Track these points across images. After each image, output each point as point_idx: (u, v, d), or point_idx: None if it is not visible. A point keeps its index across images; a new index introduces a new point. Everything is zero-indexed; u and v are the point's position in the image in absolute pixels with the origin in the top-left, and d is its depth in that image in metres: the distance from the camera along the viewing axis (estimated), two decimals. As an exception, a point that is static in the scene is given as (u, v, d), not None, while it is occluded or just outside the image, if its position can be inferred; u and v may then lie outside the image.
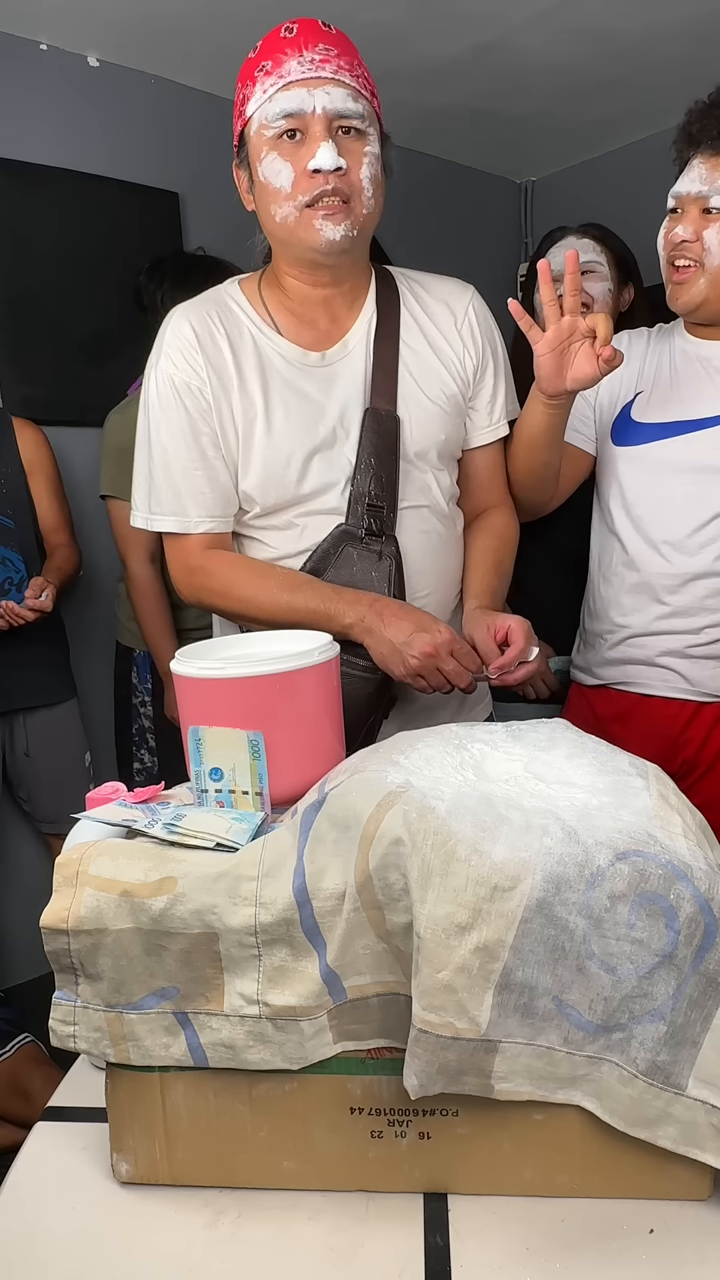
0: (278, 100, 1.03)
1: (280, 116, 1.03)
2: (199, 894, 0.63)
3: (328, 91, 1.03)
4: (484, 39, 2.51)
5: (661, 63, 2.64)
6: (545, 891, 0.58)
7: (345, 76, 1.04)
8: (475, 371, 1.22)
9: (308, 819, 0.66)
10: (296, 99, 1.02)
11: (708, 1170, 0.64)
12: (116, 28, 2.35)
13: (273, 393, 1.13)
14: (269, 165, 1.05)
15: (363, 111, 1.05)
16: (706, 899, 0.59)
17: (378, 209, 1.10)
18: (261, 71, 1.05)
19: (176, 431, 1.14)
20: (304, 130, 1.03)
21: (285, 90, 1.03)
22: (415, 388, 1.17)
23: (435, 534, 1.21)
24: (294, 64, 1.03)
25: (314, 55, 1.03)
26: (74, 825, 0.79)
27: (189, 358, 1.13)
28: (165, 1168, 0.67)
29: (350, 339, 1.17)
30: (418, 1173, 0.66)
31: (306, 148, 1.03)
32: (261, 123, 1.05)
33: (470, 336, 1.21)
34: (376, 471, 1.14)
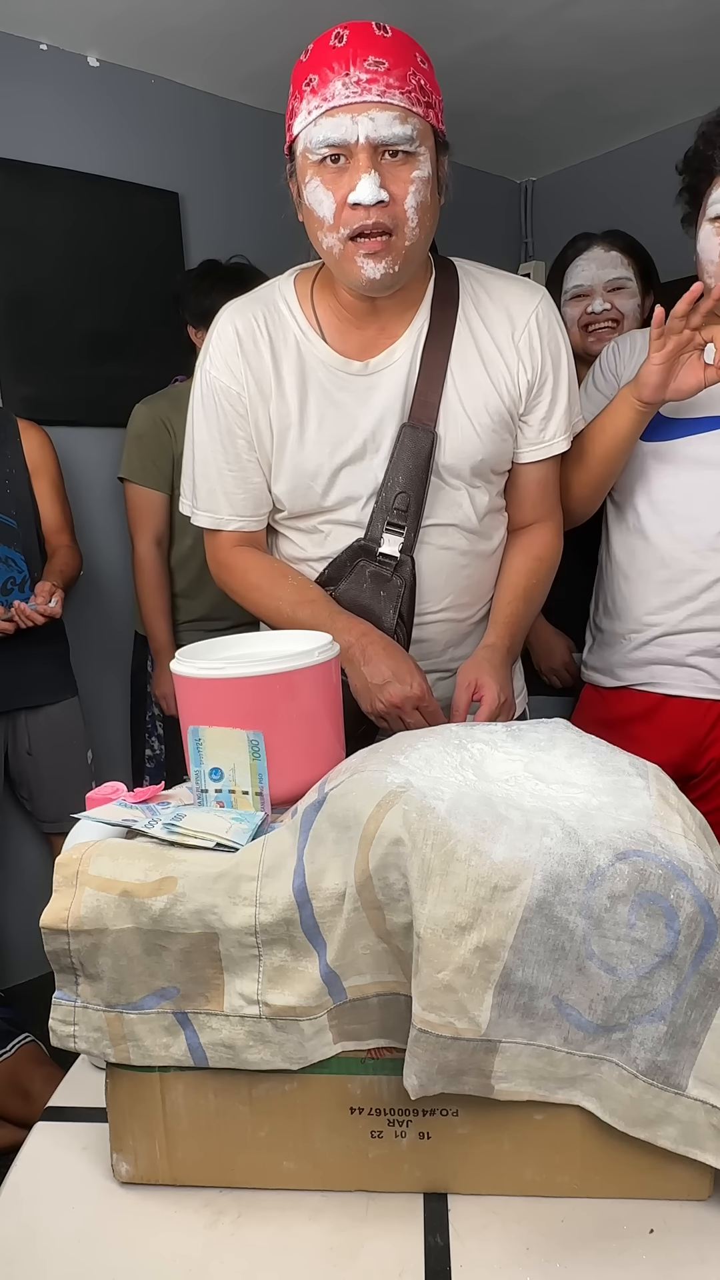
0: (321, 126, 0.98)
1: (323, 145, 0.99)
2: (199, 894, 0.63)
3: (372, 117, 0.97)
4: (484, 38, 2.51)
5: (661, 62, 2.64)
6: (545, 891, 0.58)
7: (395, 95, 0.98)
8: (530, 387, 1.17)
9: (308, 819, 0.66)
10: (339, 127, 0.98)
11: (708, 1170, 0.64)
12: (116, 28, 2.35)
13: (309, 402, 1.14)
14: (312, 193, 1.02)
15: (410, 134, 0.99)
16: (706, 899, 0.59)
17: (425, 235, 1.06)
18: (308, 87, 1.00)
19: (214, 433, 1.17)
20: (348, 156, 0.99)
21: (329, 115, 0.98)
22: (458, 403, 1.14)
23: (459, 551, 1.20)
24: (339, 85, 0.97)
25: (360, 74, 0.97)
26: (74, 825, 0.79)
27: (230, 362, 1.14)
28: (165, 1168, 0.67)
29: (398, 348, 1.15)
30: (418, 1173, 0.66)
31: (349, 176, 0.99)
32: (306, 146, 1.01)
33: (529, 349, 1.16)
34: (404, 489, 1.14)
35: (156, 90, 2.60)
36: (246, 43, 2.41)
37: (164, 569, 2.22)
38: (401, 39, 1.01)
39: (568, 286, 1.82)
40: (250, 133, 2.73)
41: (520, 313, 1.16)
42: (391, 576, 1.16)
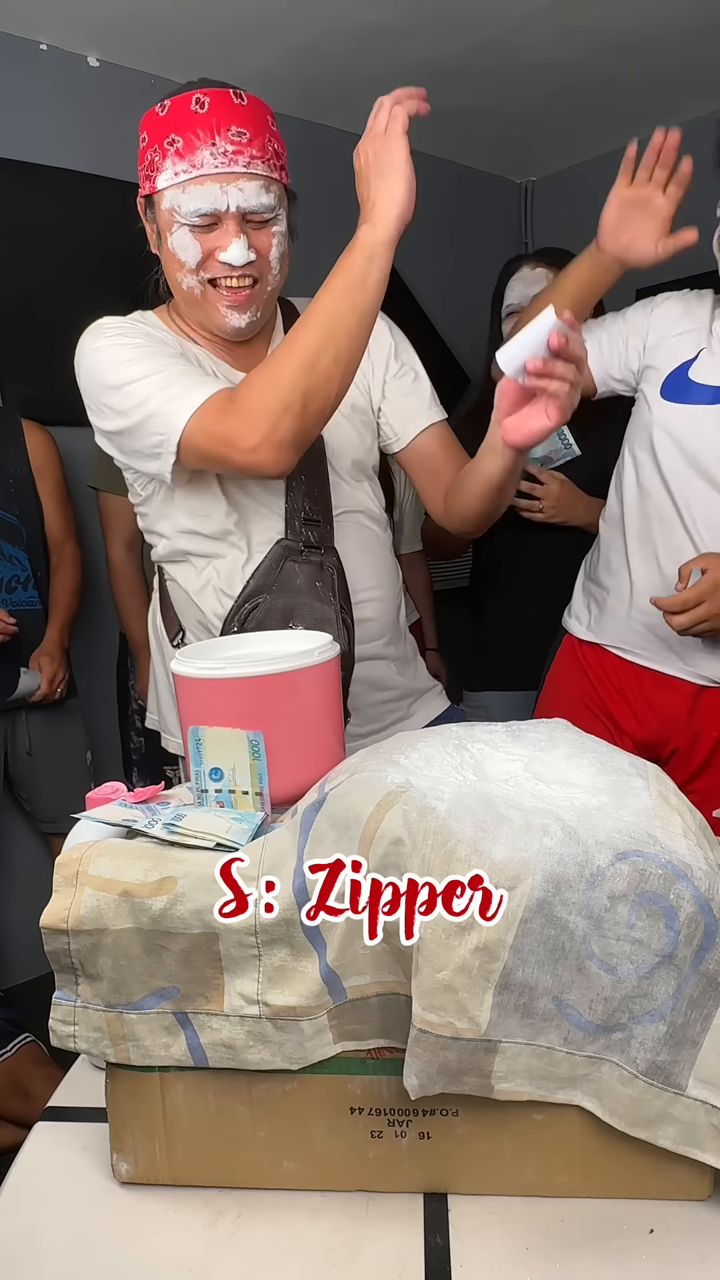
0: (191, 194, 1.04)
1: (194, 214, 1.04)
2: (199, 894, 0.63)
3: (240, 188, 1.04)
4: (484, 38, 2.51)
5: (661, 62, 2.64)
6: (545, 891, 0.58)
7: (258, 166, 1.05)
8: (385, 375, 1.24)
9: (308, 819, 0.66)
10: (209, 197, 1.04)
11: (708, 1170, 0.64)
12: (116, 28, 2.35)
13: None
14: (178, 240, 1.07)
15: (273, 202, 1.07)
16: (706, 899, 0.59)
17: (284, 276, 1.15)
18: (171, 147, 1.04)
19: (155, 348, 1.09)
20: (216, 221, 1.06)
21: (198, 184, 1.04)
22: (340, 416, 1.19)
23: (373, 535, 1.26)
24: (206, 154, 1.03)
25: (226, 145, 1.03)
26: (74, 825, 0.79)
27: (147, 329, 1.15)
28: (165, 1168, 0.67)
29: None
30: (418, 1173, 0.66)
31: (217, 235, 1.06)
32: (173, 207, 1.06)
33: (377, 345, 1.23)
34: (309, 487, 1.17)
35: (156, 90, 2.59)
36: (246, 43, 2.41)
37: (137, 571, 2.30)
38: (256, 105, 1.08)
39: (503, 307, 1.91)
40: (250, 133, 2.72)
41: None
42: (323, 567, 1.18)
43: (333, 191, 2.92)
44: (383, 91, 1.08)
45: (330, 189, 2.94)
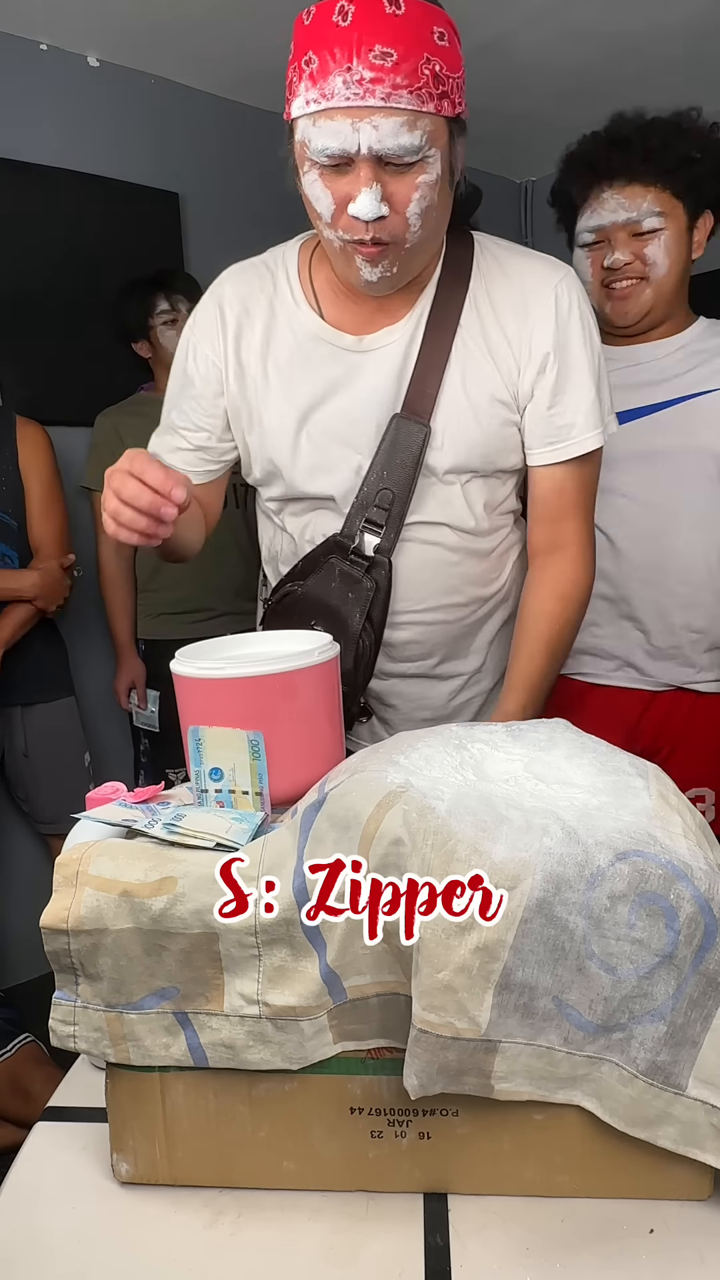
0: (320, 130, 0.88)
1: (322, 153, 0.89)
2: (199, 894, 0.63)
3: (375, 125, 0.86)
4: (483, 39, 2.51)
5: (661, 62, 2.64)
6: (545, 891, 0.58)
7: (402, 97, 0.86)
8: (541, 369, 1.05)
9: (308, 819, 0.66)
10: (339, 135, 0.87)
11: (708, 1170, 0.64)
12: (116, 28, 2.35)
13: (296, 378, 1.07)
14: (310, 186, 0.94)
15: (418, 143, 0.88)
16: (706, 899, 0.59)
17: (431, 233, 0.97)
18: (308, 67, 0.88)
19: (178, 382, 1.14)
20: (348, 163, 0.90)
21: (327, 118, 0.87)
22: (460, 392, 1.04)
23: (448, 548, 1.11)
24: (339, 81, 0.85)
25: (364, 70, 0.84)
26: (73, 826, 0.79)
27: (210, 332, 1.10)
28: (165, 1168, 0.67)
29: (397, 329, 1.05)
30: (418, 1173, 0.66)
31: (349, 180, 0.91)
32: (303, 140, 0.91)
33: (543, 328, 1.04)
34: (388, 485, 1.05)
35: (156, 90, 2.60)
36: (246, 43, 2.41)
37: (126, 572, 2.34)
38: (416, 14, 0.86)
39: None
40: (250, 133, 2.72)
41: (536, 294, 1.05)
42: (362, 578, 1.07)
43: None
44: None
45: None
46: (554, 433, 1.07)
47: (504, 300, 1.06)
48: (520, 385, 1.06)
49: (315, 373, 1.07)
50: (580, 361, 1.06)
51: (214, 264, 1.17)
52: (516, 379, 1.06)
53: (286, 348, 1.07)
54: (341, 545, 1.09)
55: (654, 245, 1.34)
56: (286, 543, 1.17)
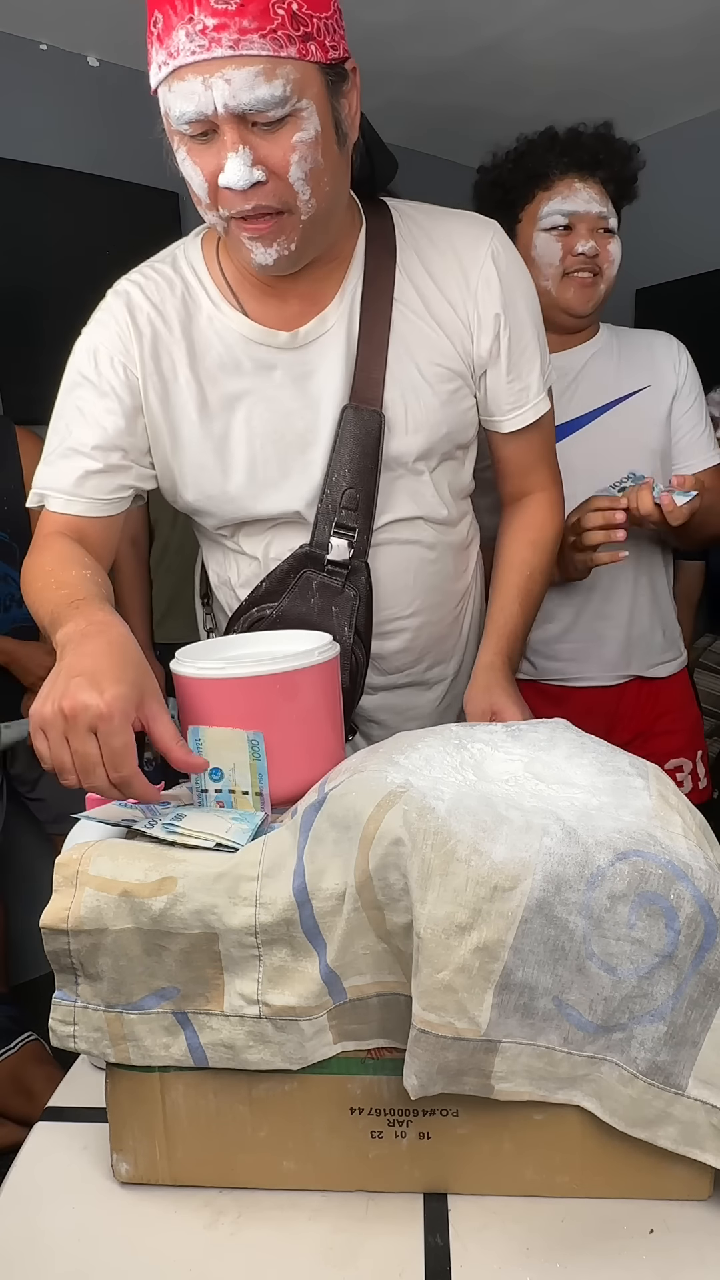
0: (175, 93, 0.79)
1: (182, 121, 0.80)
2: (199, 894, 0.63)
3: (227, 78, 0.76)
4: (484, 39, 2.51)
5: (661, 62, 2.65)
6: (545, 891, 0.58)
7: (252, 43, 0.75)
8: (495, 336, 0.99)
9: (308, 819, 0.66)
10: (191, 97, 0.78)
11: (708, 1170, 0.64)
12: (116, 28, 2.35)
13: (227, 386, 0.97)
14: (182, 165, 0.86)
15: (281, 94, 0.77)
16: (706, 899, 0.59)
17: (328, 200, 0.87)
18: (155, 29, 0.78)
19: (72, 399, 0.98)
20: (211, 129, 0.81)
21: (179, 78, 0.78)
22: (411, 370, 0.97)
23: (425, 545, 1.05)
24: (182, 36, 0.75)
25: (205, 18, 0.74)
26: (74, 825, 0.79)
27: (122, 335, 0.96)
28: (165, 1168, 0.67)
29: (330, 315, 0.97)
30: (418, 1173, 0.66)
31: (216, 150, 0.81)
32: (167, 112, 0.82)
33: (487, 291, 0.98)
34: (351, 484, 0.97)
35: (156, 90, 2.61)
36: (246, 43, 2.41)
37: (140, 572, 2.27)
38: None
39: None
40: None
41: (471, 253, 0.98)
42: (343, 587, 0.99)
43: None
44: (383, 91, 1.03)
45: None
46: (515, 397, 1.03)
47: (438, 266, 0.99)
48: (476, 352, 1.00)
49: (250, 379, 0.97)
50: (526, 320, 1.02)
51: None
52: (471, 346, 0.99)
53: (214, 355, 0.97)
54: (314, 556, 1.00)
55: (614, 244, 1.40)
56: (247, 565, 1.07)
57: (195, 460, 0.99)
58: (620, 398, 1.44)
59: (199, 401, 0.98)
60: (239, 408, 0.98)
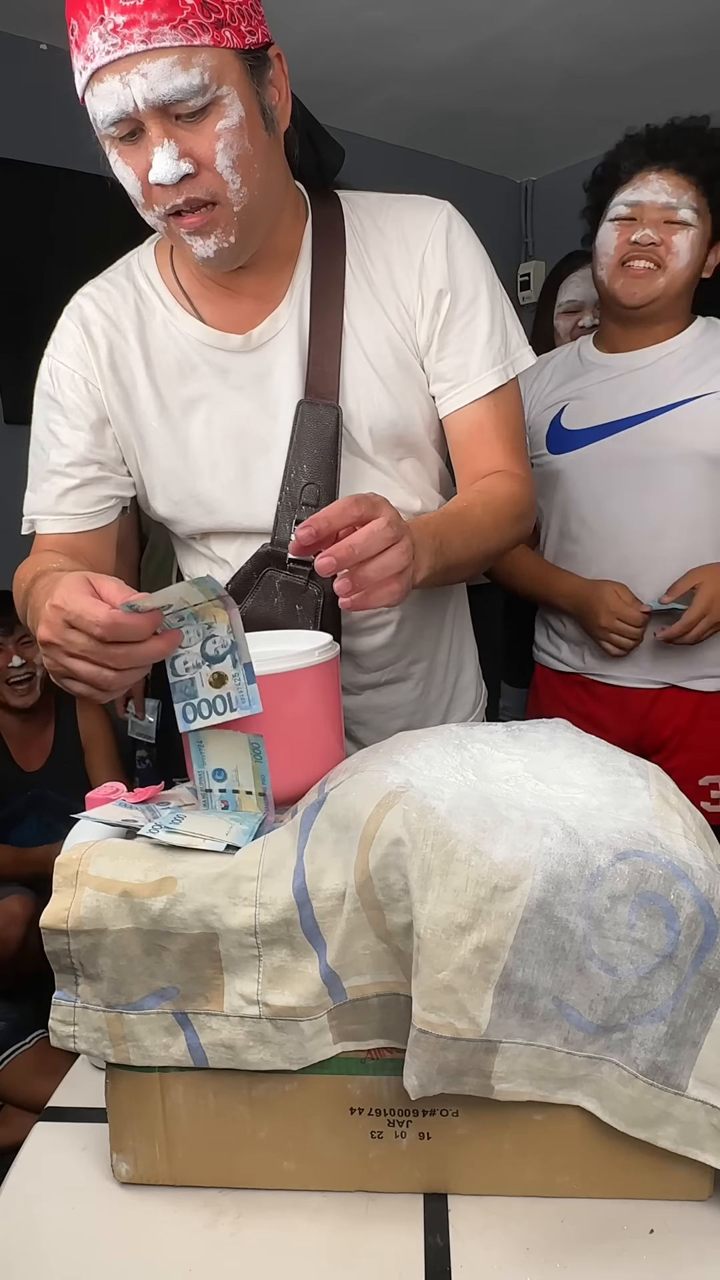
0: (97, 95, 0.80)
1: (108, 124, 0.82)
2: (199, 894, 0.63)
3: (143, 73, 0.77)
4: (484, 39, 2.51)
5: (661, 61, 2.65)
6: (545, 892, 0.58)
7: (164, 35, 0.76)
8: (432, 318, 0.96)
9: (308, 819, 0.66)
10: (112, 96, 0.79)
11: (708, 1170, 0.64)
12: (116, 28, 2.35)
13: (185, 392, 0.97)
14: (116, 167, 0.87)
15: (198, 83, 0.78)
16: (706, 899, 0.59)
17: (261, 188, 0.86)
18: (73, 37, 0.79)
19: (45, 424, 1.02)
20: (137, 127, 0.82)
21: (97, 80, 0.79)
22: (363, 363, 0.95)
23: None
24: (95, 37, 0.77)
25: (115, 17, 0.75)
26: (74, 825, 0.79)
27: (80, 352, 0.98)
28: (165, 1168, 0.67)
29: (281, 314, 0.96)
30: (418, 1173, 0.66)
31: (143, 148, 0.83)
32: (93, 117, 0.83)
33: (434, 270, 0.95)
34: (310, 479, 0.95)
35: (156, 90, 2.60)
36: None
37: (129, 574, 2.25)
38: None
39: (561, 300, 1.95)
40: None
41: (418, 236, 0.96)
42: (306, 585, 0.97)
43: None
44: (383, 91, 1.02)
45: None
46: (454, 373, 0.98)
47: (388, 253, 0.97)
48: (418, 335, 0.97)
49: (207, 382, 0.97)
50: (473, 294, 0.97)
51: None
52: (414, 329, 0.97)
53: (170, 360, 0.98)
54: (276, 555, 0.98)
55: (682, 236, 1.35)
56: (219, 571, 1.06)
57: (162, 465, 1.00)
58: (678, 402, 1.39)
59: (159, 407, 0.98)
60: (198, 412, 0.98)
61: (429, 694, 1.15)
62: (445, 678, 1.16)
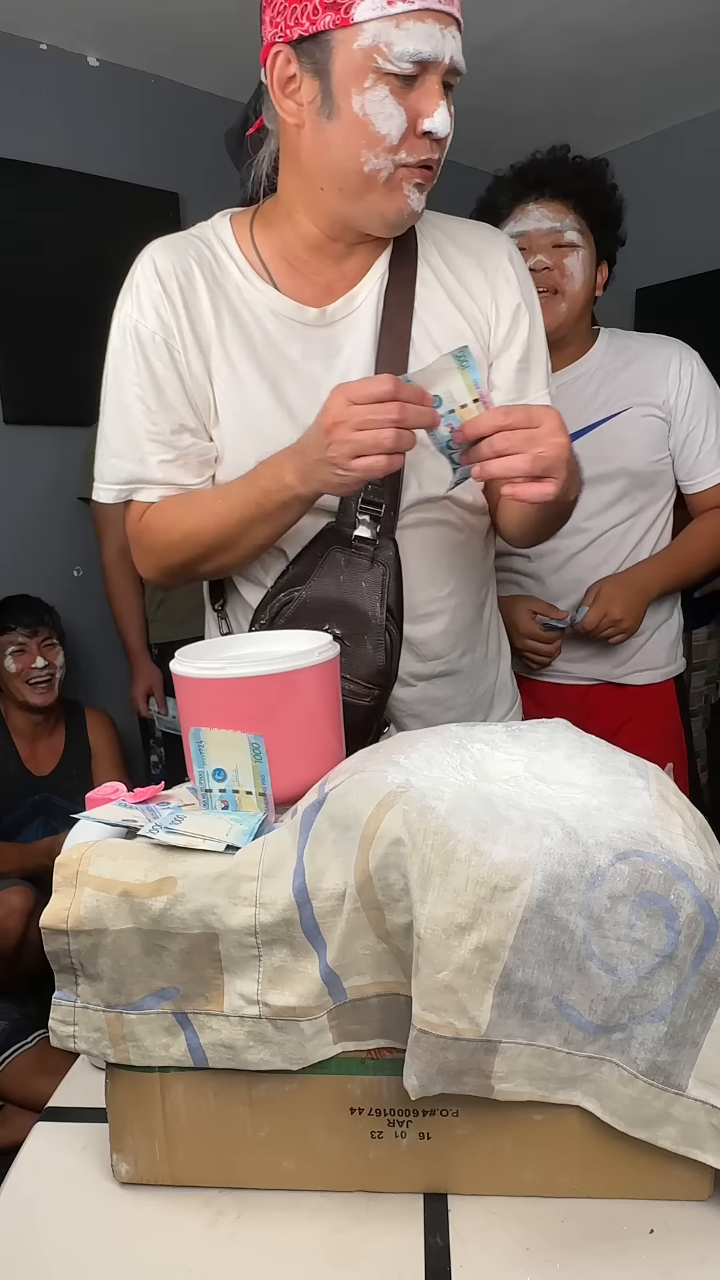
0: (408, 31, 0.81)
1: (409, 58, 0.82)
2: (199, 894, 0.63)
3: (455, 36, 0.84)
4: (484, 39, 2.51)
5: (661, 63, 2.64)
6: (545, 892, 0.58)
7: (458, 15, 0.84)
8: (510, 329, 1.03)
9: (308, 819, 0.66)
10: (431, 39, 0.82)
11: (708, 1170, 0.64)
12: (116, 28, 2.35)
13: (256, 359, 0.98)
14: (377, 103, 0.85)
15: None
16: (707, 899, 0.59)
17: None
18: None
19: (133, 388, 0.99)
20: (420, 76, 0.85)
21: (418, 19, 0.81)
22: (431, 350, 0.99)
23: (453, 527, 1.05)
24: None
25: None
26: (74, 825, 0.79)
27: (158, 305, 0.97)
28: (165, 1168, 0.67)
29: (358, 294, 1.00)
30: (418, 1173, 0.66)
31: (419, 96, 0.85)
32: (378, 46, 0.82)
33: (507, 287, 1.03)
34: None
35: (156, 90, 2.60)
36: (246, 43, 2.41)
37: (132, 576, 2.29)
38: None
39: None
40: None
41: (491, 257, 1.04)
42: (371, 563, 0.99)
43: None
44: None
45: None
46: (519, 386, 1.05)
47: (457, 260, 1.03)
48: (493, 339, 1.03)
49: (281, 351, 0.99)
50: (538, 319, 1.06)
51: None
52: (488, 332, 1.03)
53: (242, 326, 0.98)
54: (340, 533, 1.00)
55: (573, 258, 1.39)
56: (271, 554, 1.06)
57: (230, 430, 1.00)
58: (597, 422, 1.42)
59: (230, 370, 0.98)
60: (267, 378, 0.98)
61: (477, 687, 1.16)
62: (489, 672, 1.18)
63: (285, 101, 0.90)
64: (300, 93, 0.88)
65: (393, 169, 0.89)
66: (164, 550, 1.02)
